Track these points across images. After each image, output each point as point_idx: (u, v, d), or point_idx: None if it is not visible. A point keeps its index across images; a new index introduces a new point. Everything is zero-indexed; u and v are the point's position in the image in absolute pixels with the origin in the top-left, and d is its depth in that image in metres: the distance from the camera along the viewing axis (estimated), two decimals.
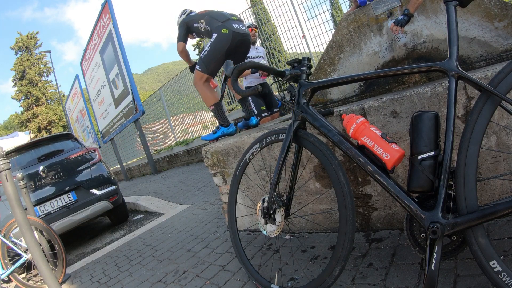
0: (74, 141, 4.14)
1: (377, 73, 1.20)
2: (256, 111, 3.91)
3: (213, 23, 2.26)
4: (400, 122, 1.42)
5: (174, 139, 9.12)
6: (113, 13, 7.39)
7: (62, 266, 2.48)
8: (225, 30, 2.19)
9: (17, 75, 28.92)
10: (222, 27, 2.21)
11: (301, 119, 1.29)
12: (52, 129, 28.20)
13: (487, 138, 1.28)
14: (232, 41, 2.21)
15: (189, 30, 2.50)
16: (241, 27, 2.27)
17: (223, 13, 2.32)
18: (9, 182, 1.69)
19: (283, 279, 1.47)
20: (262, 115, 3.87)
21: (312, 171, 1.75)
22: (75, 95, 12.77)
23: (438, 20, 2.00)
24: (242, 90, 1.31)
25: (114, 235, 3.83)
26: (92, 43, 9.18)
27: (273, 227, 1.34)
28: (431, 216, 0.94)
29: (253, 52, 3.91)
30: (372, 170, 1.06)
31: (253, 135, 1.92)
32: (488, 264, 0.87)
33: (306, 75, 1.31)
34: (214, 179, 2.31)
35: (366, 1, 2.22)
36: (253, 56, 3.90)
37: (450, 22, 0.98)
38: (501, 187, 1.31)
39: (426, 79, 2.04)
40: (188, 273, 1.87)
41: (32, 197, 3.29)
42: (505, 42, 1.78)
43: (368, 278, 1.26)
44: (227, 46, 2.22)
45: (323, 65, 2.49)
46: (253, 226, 2.17)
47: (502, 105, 0.91)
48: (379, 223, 1.61)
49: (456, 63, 0.96)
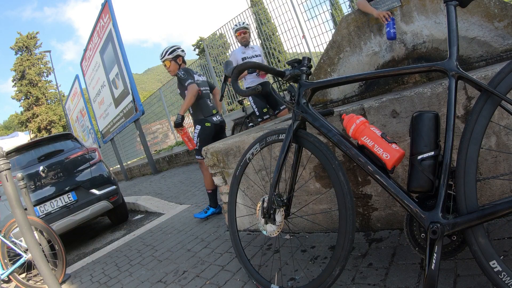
0: (74, 141, 4.14)
1: (377, 73, 1.20)
2: (258, 112, 3.91)
3: (198, 115, 2.86)
4: (400, 122, 1.42)
5: (174, 139, 9.12)
6: (113, 13, 7.39)
7: (62, 266, 2.48)
8: (208, 124, 2.84)
9: (17, 75, 28.91)
10: (205, 121, 2.85)
11: (301, 119, 1.29)
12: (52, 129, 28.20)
13: (487, 138, 1.28)
14: (214, 129, 2.88)
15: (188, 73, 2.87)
16: (219, 118, 2.96)
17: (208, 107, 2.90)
18: (9, 182, 1.69)
19: (283, 279, 1.47)
20: (264, 117, 3.87)
21: (312, 171, 1.75)
22: (75, 95, 12.77)
23: (438, 20, 2.00)
24: (242, 90, 1.31)
25: (114, 235, 3.83)
26: (92, 43, 9.19)
27: (273, 227, 1.34)
28: (431, 216, 0.94)
29: (249, 52, 3.91)
30: (372, 170, 1.06)
31: (253, 135, 1.92)
32: (488, 264, 0.87)
33: (306, 75, 1.31)
34: (214, 179, 2.31)
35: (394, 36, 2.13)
36: (249, 56, 3.89)
37: (450, 22, 0.98)
38: (501, 187, 1.31)
39: (426, 79, 2.04)
40: (188, 273, 1.87)
41: (32, 197, 3.29)
42: (505, 42, 1.78)
43: (368, 278, 1.26)
44: (212, 134, 2.87)
45: (323, 65, 2.49)
46: (253, 226, 2.17)
47: (502, 105, 0.91)
48: (379, 223, 1.61)
49: (456, 63, 0.96)
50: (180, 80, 2.81)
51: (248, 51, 3.91)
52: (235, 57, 3.89)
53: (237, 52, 3.92)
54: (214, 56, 7.67)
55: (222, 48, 8.38)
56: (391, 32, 2.11)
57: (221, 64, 7.36)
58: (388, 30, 2.12)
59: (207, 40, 7.78)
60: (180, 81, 2.81)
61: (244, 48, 3.93)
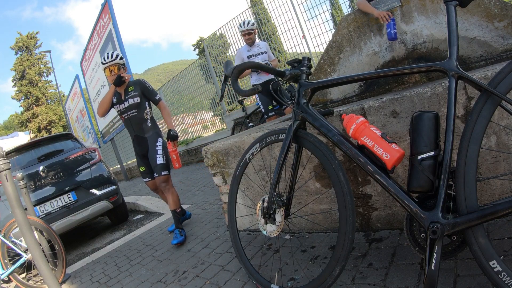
0: (74, 141, 4.14)
1: (377, 73, 1.20)
2: (264, 109, 3.92)
3: (156, 126, 2.72)
4: (400, 122, 1.42)
5: None
6: (113, 13, 7.39)
7: (62, 266, 2.48)
8: (165, 139, 2.70)
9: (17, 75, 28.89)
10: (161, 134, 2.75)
11: (301, 119, 1.29)
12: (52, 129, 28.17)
13: (487, 138, 1.28)
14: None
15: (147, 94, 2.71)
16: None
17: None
18: (9, 182, 1.69)
19: (283, 279, 1.47)
20: (269, 114, 3.88)
21: (312, 171, 1.75)
22: (75, 95, 12.77)
23: (438, 20, 2.00)
24: (242, 90, 1.31)
25: (114, 235, 3.83)
26: (92, 43, 9.18)
27: (273, 227, 1.34)
28: (431, 216, 0.94)
29: (254, 50, 3.91)
30: (372, 170, 1.06)
31: (253, 135, 1.92)
32: (488, 264, 0.87)
33: (306, 75, 1.31)
34: (214, 179, 2.31)
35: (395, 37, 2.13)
36: (255, 54, 3.90)
37: (450, 22, 0.98)
38: (501, 187, 1.31)
39: (426, 79, 2.04)
40: (188, 273, 1.87)
41: (32, 197, 3.29)
42: (505, 42, 1.78)
43: (368, 278, 1.26)
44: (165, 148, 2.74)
45: (323, 65, 2.49)
46: (253, 226, 2.17)
47: (502, 105, 0.91)
48: (379, 223, 1.61)
49: (456, 63, 0.96)
50: (148, 89, 2.67)
51: (254, 49, 3.92)
52: (240, 56, 3.90)
53: (243, 51, 3.93)
54: (214, 56, 7.67)
55: (222, 48, 8.38)
56: (391, 33, 2.11)
57: (221, 64, 7.36)
58: (389, 31, 2.12)
59: (207, 40, 7.78)
60: (148, 91, 2.66)
61: (249, 46, 3.94)
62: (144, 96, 2.64)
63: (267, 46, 4.09)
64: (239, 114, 6.15)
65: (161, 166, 2.59)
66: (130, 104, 2.60)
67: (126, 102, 2.61)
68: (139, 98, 2.60)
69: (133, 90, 2.62)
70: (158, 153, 2.60)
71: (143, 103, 2.63)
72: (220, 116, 8.07)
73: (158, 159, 2.59)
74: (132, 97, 2.60)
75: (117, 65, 2.61)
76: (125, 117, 2.64)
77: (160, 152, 2.61)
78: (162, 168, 2.59)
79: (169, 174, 2.63)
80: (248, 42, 3.92)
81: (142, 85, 2.65)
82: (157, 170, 2.59)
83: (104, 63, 2.60)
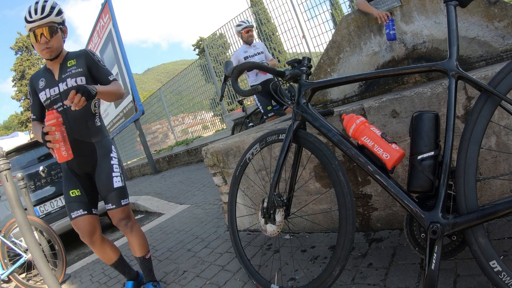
0: None
1: (377, 73, 1.20)
2: (262, 110, 3.91)
3: (106, 132, 1.79)
4: (400, 122, 1.42)
5: (174, 139, 9.12)
6: (113, 13, 7.39)
7: (62, 266, 2.48)
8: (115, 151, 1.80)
9: (17, 75, 28.90)
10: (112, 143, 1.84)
11: (301, 119, 1.29)
12: None
13: (487, 138, 1.28)
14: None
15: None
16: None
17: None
18: (9, 182, 1.69)
19: (283, 279, 1.47)
20: (268, 114, 3.88)
21: (312, 171, 1.75)
22: None
23: (438, 20, 2.00)
24: (242, 90, 1.31)
25: (114, 235, 3.83)
26: (92, 43, 9.18)
27: (273, 227, 1.34)
28: (431, 216, 0.94)
29: (251, 50, 3.92)
30: (372, 170, 1.06)
31: (253, 135, 1.92)
32: (488, 264, 0.87)
33: (306, 75, 1.31)
34: (214, 179, 2.31)
35: (394, 37, 2.14)
36: (252, 54, 3.90)
37: (450, 22, 0.98)
38: (501, 187, 1.31)
39: (426, 79, 2.04)
40: (188, 273, 1.87)
41: (32, 197, 3.29)
42: (505, 42, 1.78)
43: (368, 278, 1.27)
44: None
45: (323, 65, 2.49)
46: (253, 226, 2.17)
47: (502, 105, 0.91)
48: (379, 223, 1.61)
49: (456, 63, 0.96)
50: (98, 65, 1.67)
51: (250, 50, 3.92)
52: (237, 57, 3.89)
53: (239, 52, 3.93)
54: (214, 56, 7.67)
55: (222, 48, 8.38)
56: (390, 33, 2.11)
57: (221, 64, 7.36)
58: (388, 32, 2.12)
59: (207, 40, 7.78)
60: (98, 67, 1.67)
61: (246, 47, 3.94)
62: (91, 75, 1.66)
63: (263, 46, 4.10)
64: (239, 114, 6.15)
65: (119, 192, 1.66)
66: (69, 88, 1.59)
67: (62, 83, 1.61)
68: (84, 78, 1.62)
69: (75, 65, 1.63)
70: (115, 170, 1.68)
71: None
72: (220, 116, 8.07)
73: (115, 181, 1.66)
74: (73, 76, 1.61)
75: (50, 25, 1.54)
76: (59, 108, 1.61)
77: (116, 168, 1.70)
78: (121, 195, 1.66)
79: (129, 203, 1.71)
80: (249, 39, 3.91)
81: (89, 58, 1.66)
82: (113, 199, 1.64)
83: (30, 20, 1.51)
